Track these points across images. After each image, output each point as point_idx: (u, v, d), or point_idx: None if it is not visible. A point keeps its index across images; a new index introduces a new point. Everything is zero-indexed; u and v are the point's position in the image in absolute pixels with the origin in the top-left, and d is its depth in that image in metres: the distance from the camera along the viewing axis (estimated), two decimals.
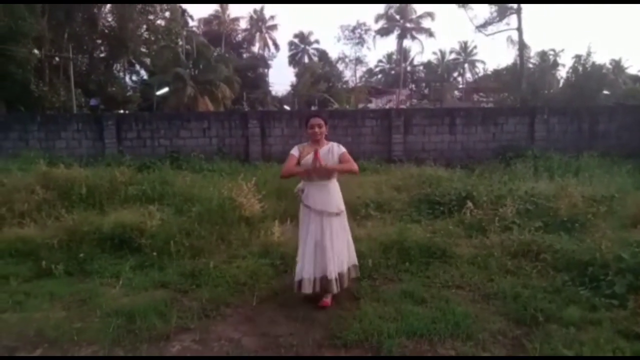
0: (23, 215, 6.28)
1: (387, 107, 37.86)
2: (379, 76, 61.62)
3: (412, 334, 3.30)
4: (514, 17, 28.05)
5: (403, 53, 54.52)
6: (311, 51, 57.52)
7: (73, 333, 3.39)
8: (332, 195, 3.85)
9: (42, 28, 22.34)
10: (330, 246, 3.74)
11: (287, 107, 41.14)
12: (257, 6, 54.81)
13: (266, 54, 53.78)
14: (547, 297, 3.85)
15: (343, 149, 3.92)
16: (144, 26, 30.20)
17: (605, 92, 24.53)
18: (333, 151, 3.87)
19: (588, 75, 22.60)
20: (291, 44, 57.22)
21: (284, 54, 59.28)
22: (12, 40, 20.08)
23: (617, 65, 32.67)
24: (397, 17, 50.98)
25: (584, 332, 3.26)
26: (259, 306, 3.93)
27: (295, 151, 3.88)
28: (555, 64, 32.13)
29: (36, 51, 23.10)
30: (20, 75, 20.64)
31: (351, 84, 52.24)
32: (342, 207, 3.93)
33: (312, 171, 3.72)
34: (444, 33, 79.11)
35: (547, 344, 3.11)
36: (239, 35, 52.76)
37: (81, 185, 7.20)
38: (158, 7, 30.06)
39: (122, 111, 27.75)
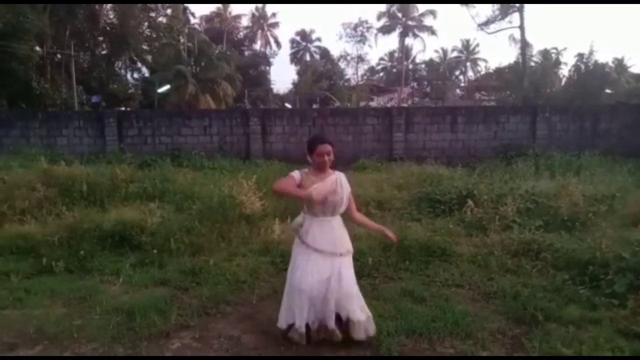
0: (24, 212, 6.29)
1: (389, 105, 37.84)
2: (381, 74, 61.53)
3: (411, 332, 3.31)
4: (516, 16, 27.96)
5: (405, 51, 54.40)
6: (313, 49, 57.43)
7: (73, 330, 3.40)
8: (338, 232, 3.21)
9: (44, 25, 22.34)
10: (334, 290, 3.09)
11: (288, 105, 41.14)
12: (259, 4, 54.61)
13: (268, 51, 53.72)
14: (547, 296, 3.86)
15: (349, 186, 3.32)
16: (146, 23, 30.20)
17: (608, 90, 24.48)
18: (342, 184, 3.24)
19: (590, 74, 22.56)
20: (293, 41, 57.15)
21: (285, 51, 59.14)
22: (13, 37, 20.08)
23: (619, 64, 32.58)
24: (399, 15, 50.89)
25: (584, 331, 3.26)
26: (258, 304, 3.94)
27: (296, 174, 3.19)
28: (558, 63, 32.12)
29: (38, 48, 23.12)
30: (21, 72, 20.65)
31: (353, 82, 52.27)
32: (350, 246, 3.27)
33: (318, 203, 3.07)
34: (446, 31, 79.20)
35: (546, 342, 3.11)
36: (241, 33, 52.67)
37: (82, 182, 7.21)
38: (160, 4, 30.07)
39: (123, 108, 27.75)
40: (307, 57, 55.99)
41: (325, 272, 3.10)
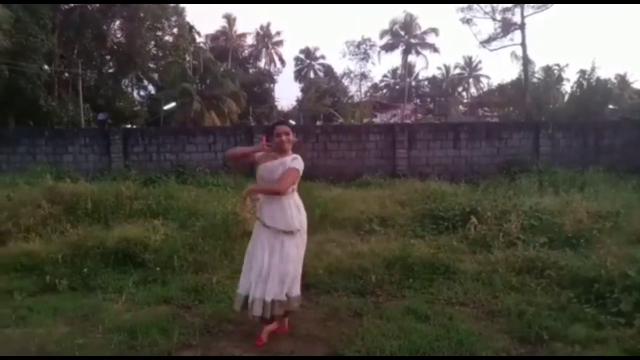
0: (29, 229, 6.30)
1: (392, 121, 37.98)
2: (384, 91, 61.92)
3: (415, 351, 3.27)
4: (517, 33, 28.28)
5: (408, 68, 54.87)
6: (317, 66, 58.07)
7: (75, 349, 3.39)
8: (285, 211, 3.33)
9: (53, 44, 22.77)
10: (271, 267, 3.31)
11: (292, 122, 41.35)
12: (264, 22, 55.48)
13: (272, 69, 54.34)
14: (552, 315, 3.81)
15: (293, 165, 3.35)
16: (152, 42, 30.73)
17: (611, 106, 24.49)
18: (285, 164, 3.35)
19: (593, 90, 22.59)
20: (297, 59, 57.78)
21: (289, 69, 59.86)
22: (22, 57, 20.48)
23: (622, 80, 32.68)
24: (402, 32, 51.45)
25: (590, 351, 3.22)
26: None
27: (257, 147, 3.50)
28: (560, 79, 32.25)
29: (46, 67, 23.52)
30: (29, 91, 20.97)
31: (356, 99, 52.57)
32: (297, 226, 3.37)
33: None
34: (448, 48, 79.62)
35: None
36: (246, 51, 53.36)
37: (87, 199, 7.22)
38: (166, 23, 30.64)
39: (129, 126, 28.06)
40: (311, 75, 56.58)
41: (268, 245, 3.34)
